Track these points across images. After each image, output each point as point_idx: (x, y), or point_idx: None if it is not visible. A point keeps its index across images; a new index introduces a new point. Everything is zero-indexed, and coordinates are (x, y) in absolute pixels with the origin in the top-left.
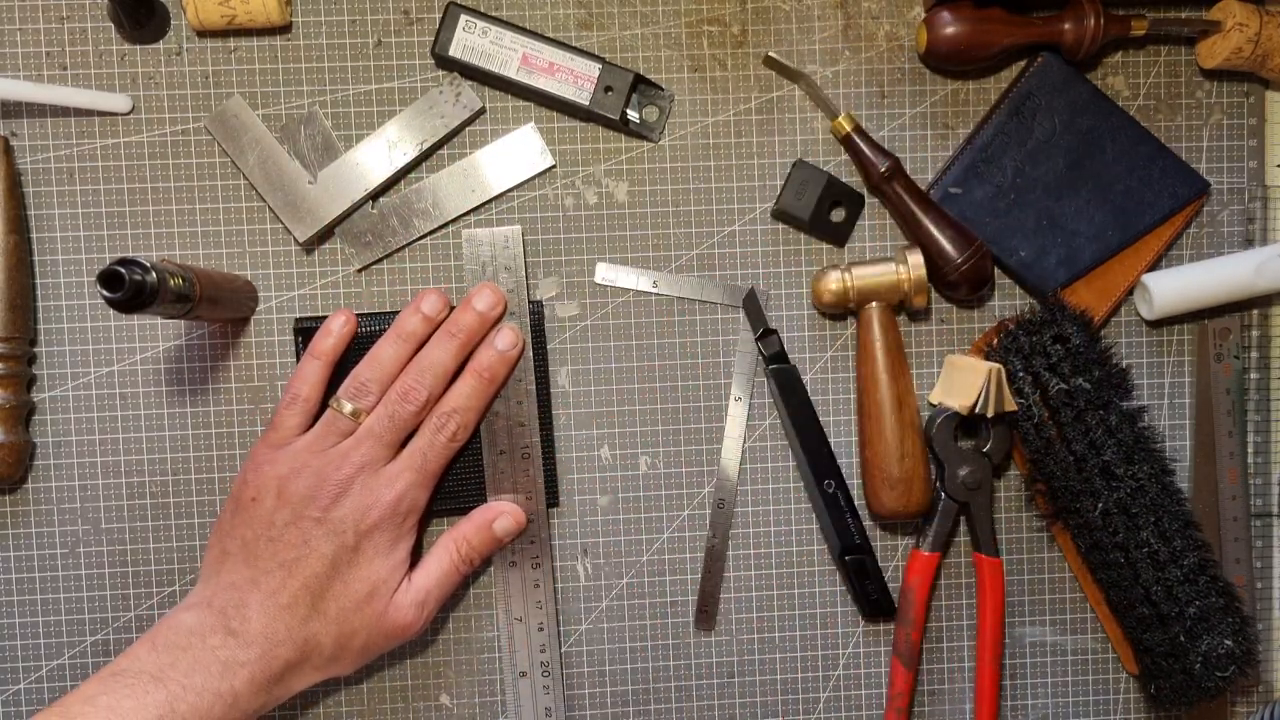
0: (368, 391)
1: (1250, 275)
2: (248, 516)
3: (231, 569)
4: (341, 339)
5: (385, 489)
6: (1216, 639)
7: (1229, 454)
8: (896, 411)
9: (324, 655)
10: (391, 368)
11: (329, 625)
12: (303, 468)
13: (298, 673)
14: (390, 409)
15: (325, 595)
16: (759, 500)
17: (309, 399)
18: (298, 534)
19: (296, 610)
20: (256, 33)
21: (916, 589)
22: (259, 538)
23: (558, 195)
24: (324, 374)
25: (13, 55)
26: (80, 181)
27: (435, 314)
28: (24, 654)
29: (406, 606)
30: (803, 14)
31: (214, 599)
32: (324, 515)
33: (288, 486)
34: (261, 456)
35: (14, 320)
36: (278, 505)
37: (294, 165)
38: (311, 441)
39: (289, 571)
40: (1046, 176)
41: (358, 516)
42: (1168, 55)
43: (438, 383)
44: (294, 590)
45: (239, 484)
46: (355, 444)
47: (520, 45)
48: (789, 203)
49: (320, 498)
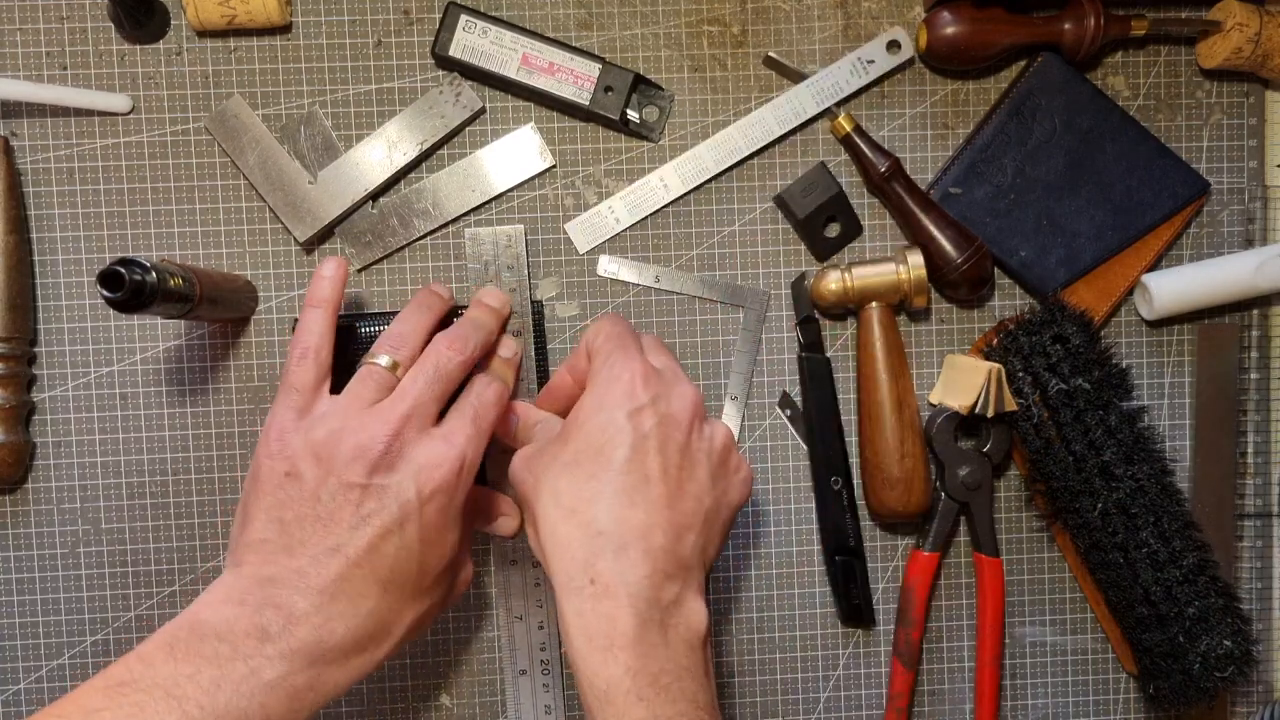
0: (405, 342)
1: (1250, 275)
2: (284, 495)
3: (269, 559)
4: (338, 283)
5: (445, 445)
6: (1215, 639)
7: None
8: (896, 411)
9: (390, 644)
10: (423, 329)
11: (403, 611)
12: (341, 429)
13: (356, 671)
14: (435, 359)
15: (394, 578)
16: (759, 500)
17: (319, 349)
18: (350, 508)
19: (360, 603)
20: (256, 33)
21: (917, 589)
22: (302, 518)
23: (557, 195)
24: (330, 322)
25: (13, 55)
26: (80, 181)
27: (447, 297)
28: (24, 654)
29: (467, 562)
30: (803, 14)
31: (247, 595)
32: (379, 481)
33: (328, 452)
34: (288, 423)
35: (14, 320)
36: (321, 476)
37: (294, 165)
38: (348, 401)
39: (345, 556)
40: (1047, 176)
41: (420, 478)
42: (1168, 55)
43: (483, 339)
44: (354, 578)
45: (266, 458)
46: (399, 398)
47: (520, 45)
48: (792, 195)
49: (370, 460)
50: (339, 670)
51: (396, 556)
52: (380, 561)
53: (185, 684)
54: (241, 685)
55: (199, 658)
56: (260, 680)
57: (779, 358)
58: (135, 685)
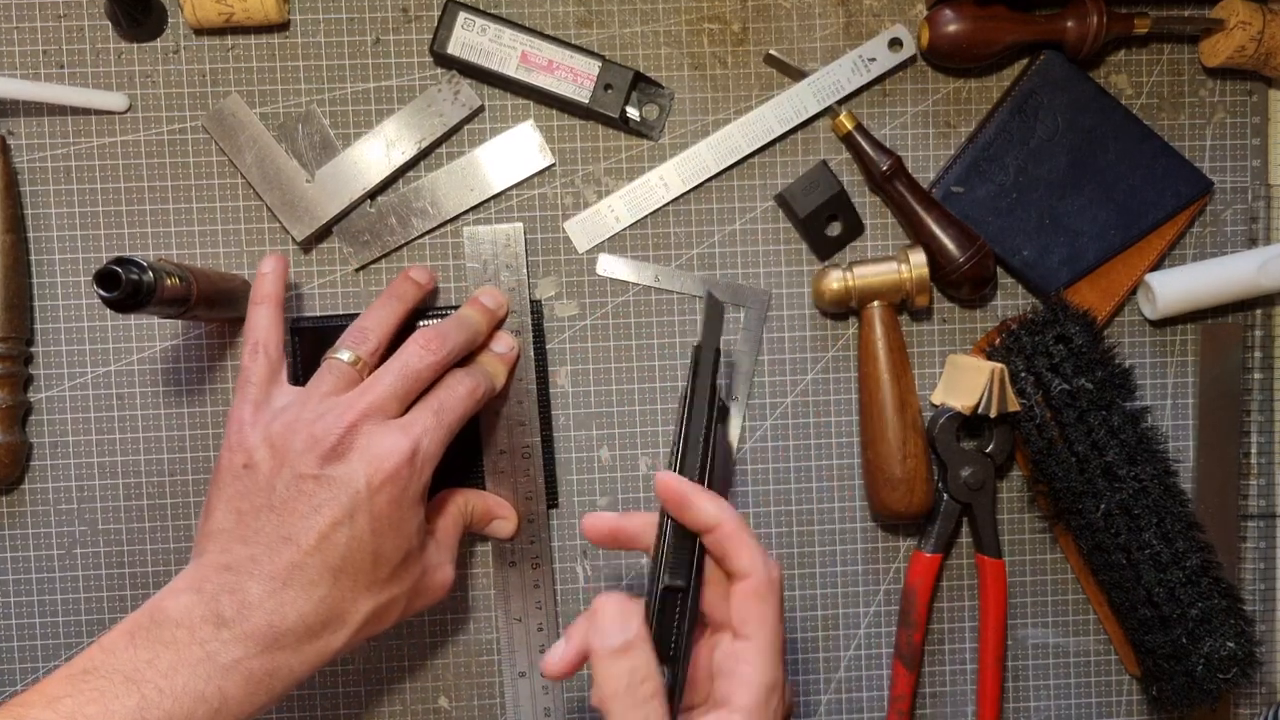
0: (366, 338)
1: (1253, 274)
2: (242, 486)
3: (226, 547)
4: (279, 277)
5: (398, 435)
6: (1219, 641)
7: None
8: (898, 412)
9: (346, 633)
10: (390, 323)
11: (358, 600)
12: (296, 421)
13: (313, 657)
14: (405, 359)
15: (346, 566)
16: (759, 501)
17: (268, 343)
18: (303, 498)
19: (311, 590)
20: (254, 31)
21: (918, 590)
22: (258, 509)
23: (557, 194)
24: (276, 317)
25: (9, 53)
26: (77, 180)
27: (426, 282)
28: (21, 655)
29: (443, 564)
30: (804, 11)
31: (205, 583)
32: (330, 472)
33: (284, 443)
34: (245, 416)
35: (10, 320)
36: (275, 468)
37: (292, 164)
38: (306, 393)
39: (297, 545)
40: (1049, 175)
41: (370, 468)
42: (1171, 54)
43: (467, 339)
44: (306, 566)
45: (225, 451)
46: (360, 393)
47: (519, 43)
48: (793, 194)
49: (322, 451)
50: (293, 656)
51: (348, 546)
52: (331, 550)
53: (144, 669)
54: (198, 668)
55: (158, 643)
56: (216, 664)
57: (780, 358)
58: (96, 672)
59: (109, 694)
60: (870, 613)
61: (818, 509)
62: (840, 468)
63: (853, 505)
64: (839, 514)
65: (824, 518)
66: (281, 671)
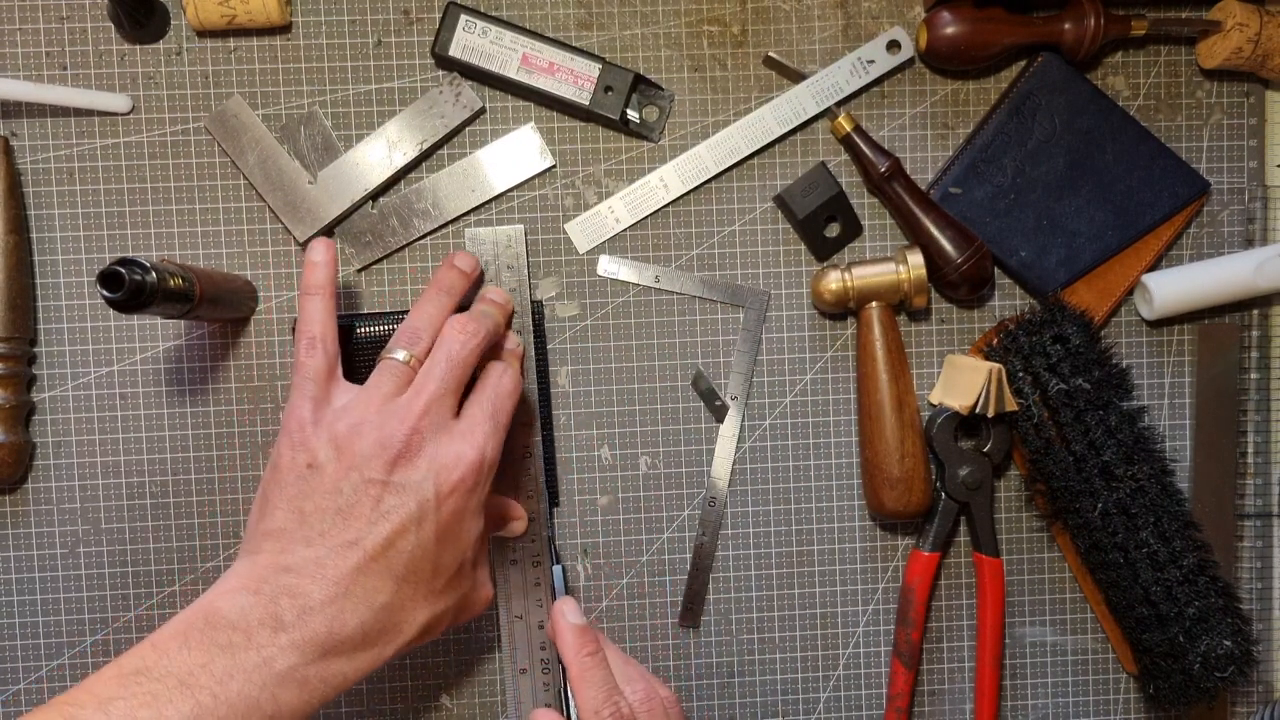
0: (420, 337)
1: (1250, 275)
2: (306, 487)
3: (286, 547)
4: (329, 265)
5: (464, 444)
6: (1215, 639)
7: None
8: (897, 411)
9: (401, 642)
10: (440, 319)
11: (416, 609)
12: (361, 423)
13: (365, 665)
14: (448, 349)
15: (408, 575)
16: (759, 500)
17: (324, 337)
18: (370, 502)
19: (373, 597)
20: (256, 32)
21: (917, 589)
22: (323, 510)
23: (557, 195)
24: (330, 308)
25: (13, 55)
26: (80, 181)
27: (470, 269)
28: (24, 654)
29: (487, 581)
30: (803, 14)
31: (263, 584)
32: (398, 479)
33: (350, 446)
34: (307, 414)
35: (14, 320)
36: (343, 470)
37: (294, 165)
38: (368, 395)
39: (363, 550)
40: (1047, 176)
41: (439, 477)
42: (1168, 55)
43: (493, 327)
44: (370, 572)
45: (287, 449)
46: (416, 393)
47: (520, 45)
48: (792, 195)
49: (390, 457)
50: (347, 663)
51: (413, 554)
52: (396, 557)
53: (199, 673)
54: (254, 675)
55: (213, 646)
56: (272, 670)
57: (779, 358)
58: (149, 674)
59: (162, 698)
60: (869, 611)
61: (816, 508)
62: (839, 467)
63: (851, 504)
64: (838, 513)
65: (822, 517)
66: (335, 679)
